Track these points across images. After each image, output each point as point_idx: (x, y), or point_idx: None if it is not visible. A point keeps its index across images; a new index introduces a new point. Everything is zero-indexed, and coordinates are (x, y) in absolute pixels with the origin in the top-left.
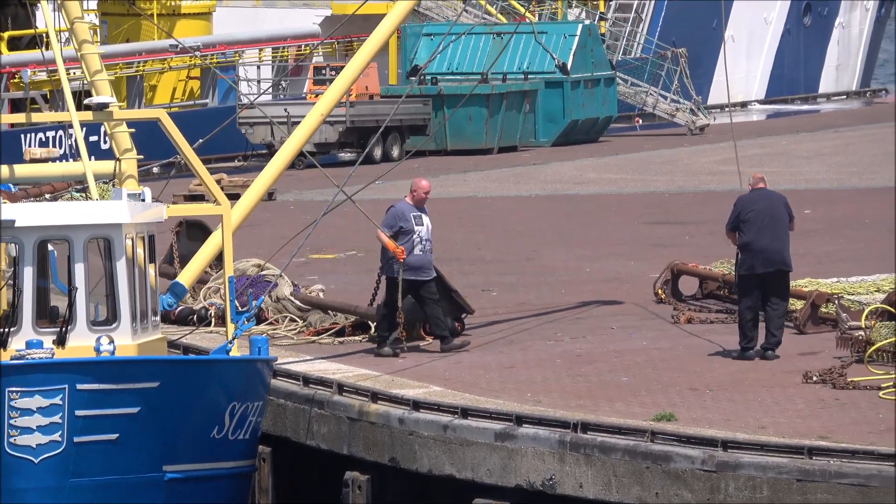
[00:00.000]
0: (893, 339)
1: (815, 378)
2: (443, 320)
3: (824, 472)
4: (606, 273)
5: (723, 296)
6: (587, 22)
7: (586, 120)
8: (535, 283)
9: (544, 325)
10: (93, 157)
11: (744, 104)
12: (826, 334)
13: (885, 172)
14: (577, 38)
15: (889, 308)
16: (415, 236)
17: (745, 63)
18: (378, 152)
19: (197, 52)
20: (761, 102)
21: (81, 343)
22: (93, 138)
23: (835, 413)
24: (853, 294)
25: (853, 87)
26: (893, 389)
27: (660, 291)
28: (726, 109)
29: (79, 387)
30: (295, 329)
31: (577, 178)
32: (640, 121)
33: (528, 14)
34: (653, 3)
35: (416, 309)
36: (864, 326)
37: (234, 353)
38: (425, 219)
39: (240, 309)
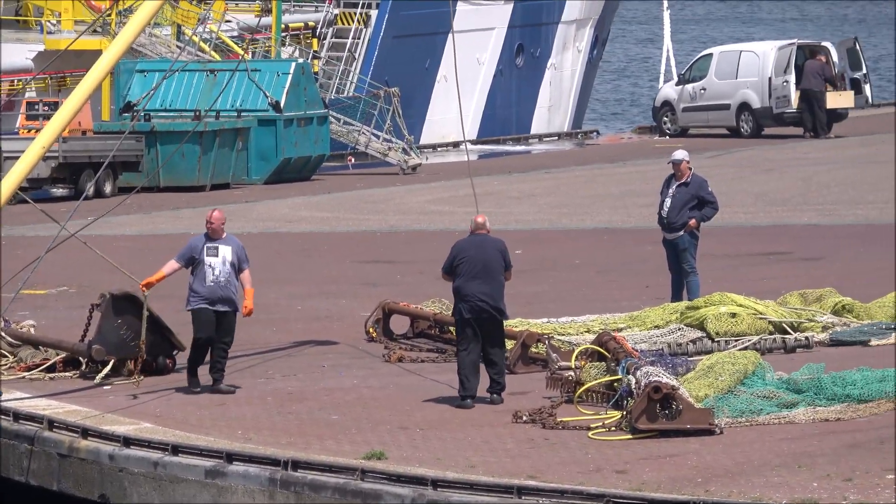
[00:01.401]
0: (603, 379)
1: (525, 418)
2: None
3: None
4: (318, 311)
5: (434, 335)
6: (300, 60)
7: (299, 158)
8: (245, 321)
9: (255, 363)
10: None
11: (456, 144)
12: (536, 374)
13: (596, 213)
14: (290, 77)
15: (598, 349)
16: (206, 267)
17: (457, 103)
18: (91, 188)
19: None
20: (473, 143)
21: None
22: None
23: (544, 453)
24: (563, 334)
25: (565, 128)
26: (603, 429)
27: (371, 330)
28: (439, 149)
29: None
30: (6, 365)
31: (289, 216)
32: (353, 159)
33: (241, 52)
34: (366, 42)
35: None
36: (573, 367)
37: None
38: (223, 250)
39: None
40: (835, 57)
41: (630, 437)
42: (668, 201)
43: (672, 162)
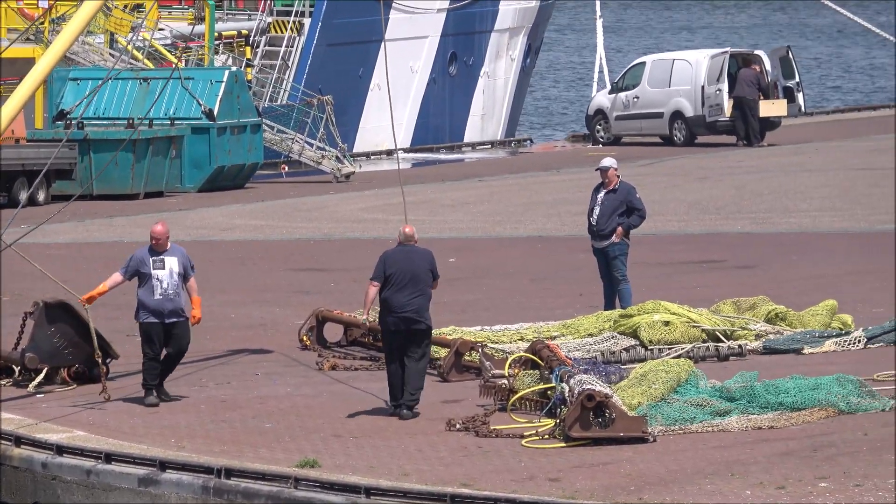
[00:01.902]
0: (536, 387)
1: (458, 426)
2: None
3: None
4: (251, 319)
5: (367, 343)
6: (234, 69)
7: (232, 166)
8: None
9: (189, 371)
10: None
11: (389, 152)
12: (470, 382)
13: (529, 221)
14: (223, 85)
15: (532, 357)
16: (154, 280)
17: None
18: (26, 197)
19: None
20: (407, 151)
21: None
22: None
23: (478, 461)
24: (497, 342)
25: (498, 137)
26: (536, 437)
27: (305, 338)
28: (372, 157)
29: None
30: None
31: (223, 224)
32: (287, 168)
33: (175, 60)
34: (299, 50)
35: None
36: (507, 375)
37: None
38: (169, 261)
39: None
40: (768, 65)
41: (563, 445)
42: (597, 209)
43: (600, 169)
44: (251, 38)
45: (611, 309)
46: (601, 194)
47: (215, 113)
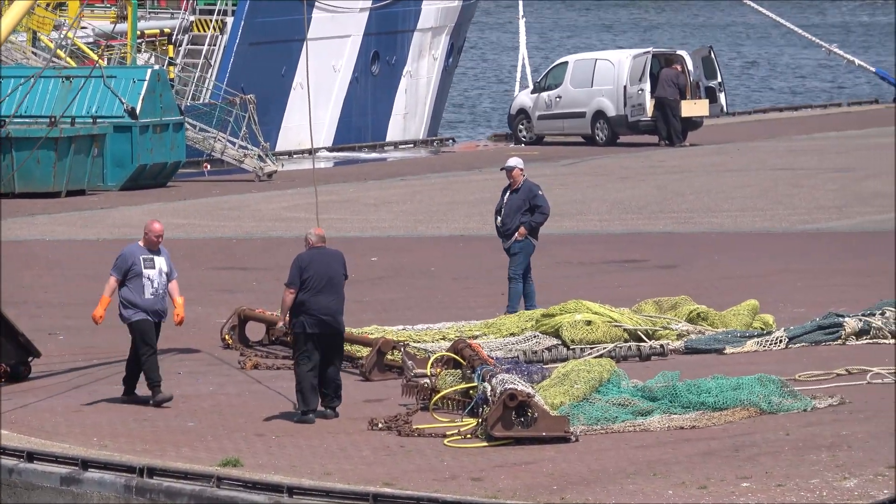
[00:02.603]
0: (458, 386)
1: (380, 425)
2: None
3: None
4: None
5: (290, 342)
6: (156, 67)
7: (155, 165)
8: (101, 328)
9: (111, 370)
10: None
11: (311, 151)
12: (392, 381)
13: (451, 221)
14: (146, 83)
15: (454, 356)
16: (145, 279)
17: (313, 111)
18: None
19: None
20: (329, 150)
21: None
22: None
23: (400, 460)
24: (419, 341)
25: (420, 136)
26: (458, 437)
27: (227, 337)
28: (294, 156)
29: None
30: None
31: (145, 222)
32: (209, 166)
33: (97, 58)
34: (222, 49)
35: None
36: (429, 374)
37: None
38: (158, 261)
39: None
40: (690, 65)
41: (486, 444)
42: (503, 209)
43: (505, 169)
44: (174, 37)
45: (527, 309)
46: (507, 194)
47: (138, 111)
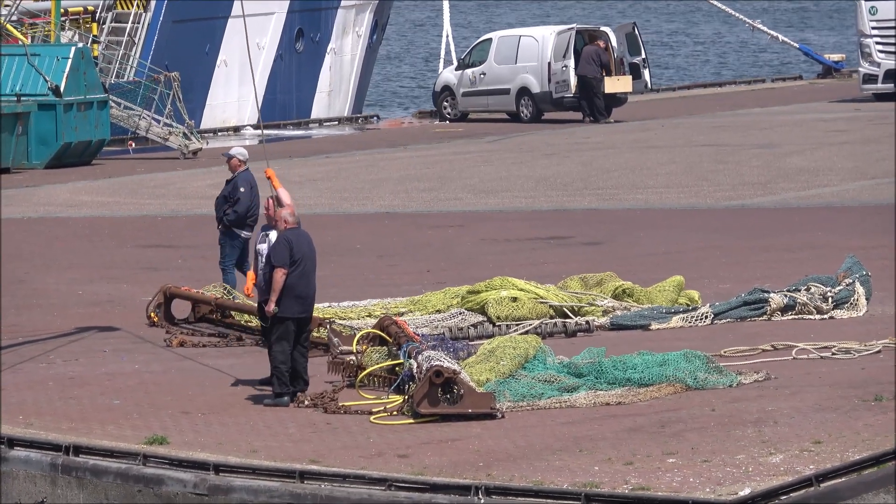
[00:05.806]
0: (384, 363)
1: (306, 402)
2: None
3: (315, 496)
4: (98, 296)
5: (215, 320)
6: (80, 45)
7: (79, 143)
8: (25, 307)
9: (35, 349)
10: None
11: (237, 129)
12: (317, 359)
13: (377, 198)
14: (70, 61)
15: (380, 333)
16: (257, 256)
17: (237, 88)
18: None
19: None
20: (254, 127)
21: None
22: None
23: (326, 437)
24: (344, 319)
25: (345, 113)
26: (385, 414)
27: (153, 315)
28: (219, 133)
29: None
30: None
31: (70, 200)
32: (133, 144)
33: (20, 36)
34: (146, 27)
35: None
36: (355, 351)
37: None
38: (272, 235)
39: None
40: (614, 42)
41: (412, 421)
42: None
43: (224, 155)
44: (98, 15)
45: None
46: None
47: (62, 89)
